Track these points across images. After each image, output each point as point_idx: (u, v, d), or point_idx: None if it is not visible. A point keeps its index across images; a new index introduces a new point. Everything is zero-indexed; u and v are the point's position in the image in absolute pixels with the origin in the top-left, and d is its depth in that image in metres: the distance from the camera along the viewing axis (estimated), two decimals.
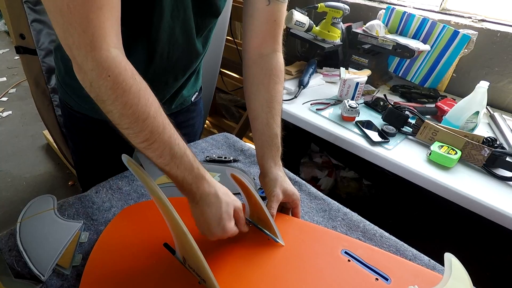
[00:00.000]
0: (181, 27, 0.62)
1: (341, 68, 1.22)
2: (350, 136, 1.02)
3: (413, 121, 1.02)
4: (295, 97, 1.21)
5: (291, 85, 1.27)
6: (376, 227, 0.68)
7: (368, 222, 0.69)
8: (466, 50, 1.25)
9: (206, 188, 0.51)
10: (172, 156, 0.48)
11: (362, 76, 1.20)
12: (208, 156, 0.86)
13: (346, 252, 0.57)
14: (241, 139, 0.98)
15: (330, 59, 1.44)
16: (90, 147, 0.83)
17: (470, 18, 1.29)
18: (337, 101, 1.20)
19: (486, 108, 1.15)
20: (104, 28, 0.43)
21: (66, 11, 0.41)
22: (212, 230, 0.52)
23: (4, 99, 2.74)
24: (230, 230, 0.52)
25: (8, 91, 2.84)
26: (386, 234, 0.66)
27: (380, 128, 1.04)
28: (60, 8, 0.41)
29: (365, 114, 1.14)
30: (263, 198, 0.68)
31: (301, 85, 1.25)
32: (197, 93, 0.89)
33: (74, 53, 0.43)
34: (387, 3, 1.49)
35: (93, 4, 0.41)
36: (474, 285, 0.51)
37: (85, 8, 0.41)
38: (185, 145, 0.51)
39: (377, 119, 1.10)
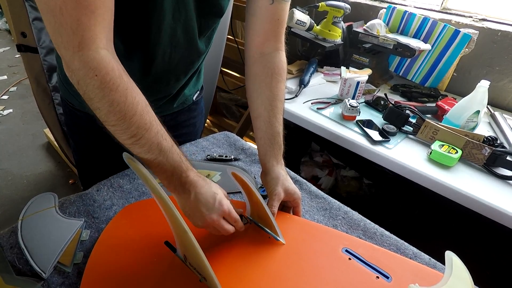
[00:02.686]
0: (183, 28, 0.62)
1: (342, 67, 1.22)
2: (351, 135, 1.02)
3: (413, 120, 1.02)
4: (296, 96, 1.21)
5: (292, 84, 1.27)
6: (376, 226, 0.68)
7: (368, 221, 0.69)
8: (466, 50, 1.24)
9: (195, 176, 0.53)
10: (160, 150, 0.49)
11: (362, 75, 1.20)
12: (209, 155, 0.86)
13: (346, 251, 0.58)
14: (241, 138, 0.98)
15: (331, 58, 1.44)
16: (91, 146, 0.83)
17: (471, 17, 1.29)
18: (338, 100, 1.20)
19: (487, 107, 1.15)
20: (94, 31, 0.44)
21: (58, 13, 0.42)
22: (211, 208, 0.52)
23: (5, 97, 2.74)
24: (226, 204, 0.53)
25: (9, 90, 2.84)
26: (387, 233, 0.66)
27: (380, 127, 1.04)
28: (53, 10, 0.42)
29: (366, 113, 1.14)
30: (264, 197, 0.69)
31: (302, 84, 1.25)
32: (198, 92, 0.89)
33: (62, 52, 0.44)
34: (388, 2, 1.49)
35: (86, 8, 0.42)
36: (474, 283, 0.51)
37: (77, 12, 0.42)
38: (171, 140, 0.52)
39: (377, 118, 1.10)
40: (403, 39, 1.28)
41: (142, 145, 0.48)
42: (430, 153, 0.92)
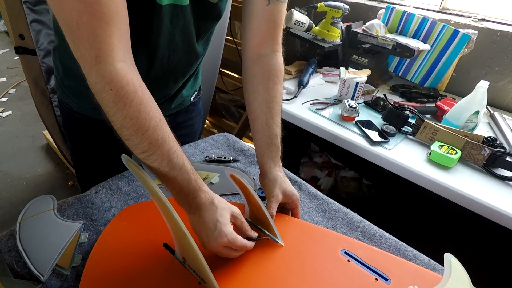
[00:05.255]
0: (181, 32, 0.62)
1: (341, 67, 1.22)
2: (350, 136, 1.02)
3: (413, 121, 1.02)
4: (295, 97, 1.21)
5: (291, 85, 1.27)
6: (376, 227, 0.68)
7: (368, 222, 0.69)
8: (466, 50, 1.24)
9: (202, 198, 0.52)
10: (170, 168, 0.49)
11: (362, 75, 1.20)
12: (207, 156, 0.86)
13: (345, 253, 0.57)
14: (241, 139, 0.98)
15: (330, 58, 1.44)
16: (89, 148, 0.83)
17: (470, 17, 1.29)
18: (337, 101, 1.20)
19: (486, 107, 1.15)
20: (110, 43, 0.44)
21: (74, 27, 0.42)
22: (210, 236, 0.50)
23: (4, 99, 2.74)
24: (228, 233, 0.50)
25: (8, 91, 2.84)
26: (386, 234, 0.66)
27: (380, 128, 1.04)
28: (70, 25, 0.42)
29: (365, 114, 1.14)
30: (263, 198, 0.68)
31: (301, 84, 1.25)
32: (196, 93, 0.89)
33: (82, 66, 0.45)
34: (387, 2, 1.49)
35: (101, 19, 0.42)
36: (474, 284, 0.50)
37: (92, 24, 0.42)
38: (184, 157, 0.51)
39: (377, 119, 1.10)
40: (402, 39, 1.28)
41: (153, 161, 0.48)
42: (430, 154, 0.91)
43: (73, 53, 0.45)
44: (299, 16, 1.21)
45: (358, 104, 1.07)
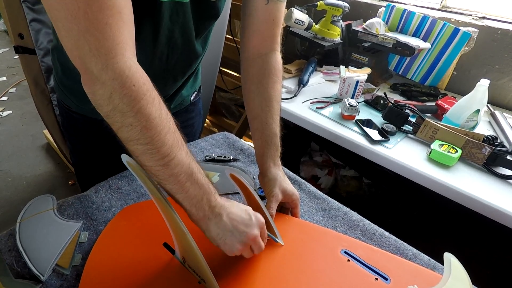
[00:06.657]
0: (181, 30, 0.62)
1: (341, 66, 1.22)
2: (350, 134, 1.02)
3: (413, 120, 1.01)
4: (295, 95, 1.20)
5: (291, 84, 1.27)
6: (376, 226, 0.68)
7: (368, 221, 0.69)
8: (466, 48, 1.24)
9: (220, 199, 0.50)
10: (192, 173, 0.46)
11: (362, 74, 1.19)
12: (207, 156, 0.86)
13: (345, 252, 0.57)
14: (241, 138, 0.98)
15: (330, 57, 1.44)
16: (88, 148, 0.83)
17: (471, 15, 1.28)
18: (337, 100, 1.19)
19: (487, 106, 1.14)
20: (124, 34, 0.40)
21: (82, 18, 0.37)
22: (246, 225, 0.49)
23: (4, 98, 2.74)
24: (261, 219, 0.51)
25: (8, 91, 2.84)
26: (386, 233, 0.66)
27: (380, 127, 1.04)
28: (75, 15, 0.37)
29: (365, 113, 1.13)
30: (263, 198, 0.68)
31: (301, 83, 1.24)
32: (196, 93, 0.89)
33: (88, 63, 0.40)
34: (387, 0, 1.48)
35: (112, 8, 0.39)
36: (474, 283, 0.50)
37: (103, 14, 0.38)
38: (196, 160, 0.49)
39: (377, 118, 1.10)
40: (403, 38, 1.27)
41: (173, 167, 0.44)
42: (430, 153, 0.91)
43: (73, 52, 0.40)
44: (299, 14, 1.20)
45: (358, 103, 1.07)
